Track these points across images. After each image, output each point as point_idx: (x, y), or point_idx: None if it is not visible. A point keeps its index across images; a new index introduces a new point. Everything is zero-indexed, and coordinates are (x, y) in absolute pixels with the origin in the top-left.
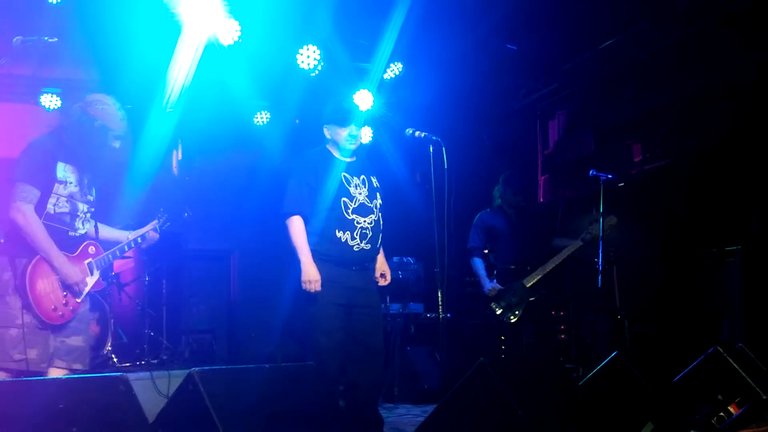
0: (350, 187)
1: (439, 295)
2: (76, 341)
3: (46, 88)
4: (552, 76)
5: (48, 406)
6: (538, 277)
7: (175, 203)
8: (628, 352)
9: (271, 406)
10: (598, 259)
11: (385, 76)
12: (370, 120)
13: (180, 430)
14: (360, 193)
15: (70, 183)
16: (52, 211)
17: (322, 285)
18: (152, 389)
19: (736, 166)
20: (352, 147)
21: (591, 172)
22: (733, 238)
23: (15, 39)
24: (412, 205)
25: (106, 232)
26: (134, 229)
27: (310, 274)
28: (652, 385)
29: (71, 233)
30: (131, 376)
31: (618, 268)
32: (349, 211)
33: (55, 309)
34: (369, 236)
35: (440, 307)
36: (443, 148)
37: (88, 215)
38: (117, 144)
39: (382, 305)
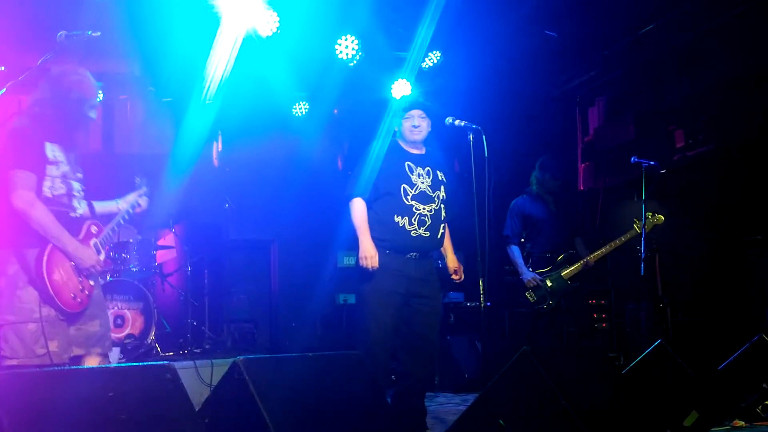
0: (412, 175)
1: (481, 284)
2: (92, 326)
3: None
4: (592, 62)
5: (98, 394)
6: (576, 270)
7: (216, 194)
8: (671, 341)
9: (316, 394)
10: (641, 246)
11: (424, 65)
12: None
13: (226, 418)
14: (422, 182)
15: (61, 162)
16: (49, 195)
17: (379, 272)
18: (196, 378)
19: None
20: (416, 138)
21: (632, 159)
22: None
23: (59, 34)
24: (451, 194)
25: (99, 206)
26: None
27: (367, 251)
28: (696, 374)
29: (72, 214)
30: (175, 365)
31: (660, 256)
32: (409, 197)
33: (74, 297)
34: (428, 224)
35: (482, 296)
36: (483, 136)
37: (82, 193)
38: (93, 114)
39: None
